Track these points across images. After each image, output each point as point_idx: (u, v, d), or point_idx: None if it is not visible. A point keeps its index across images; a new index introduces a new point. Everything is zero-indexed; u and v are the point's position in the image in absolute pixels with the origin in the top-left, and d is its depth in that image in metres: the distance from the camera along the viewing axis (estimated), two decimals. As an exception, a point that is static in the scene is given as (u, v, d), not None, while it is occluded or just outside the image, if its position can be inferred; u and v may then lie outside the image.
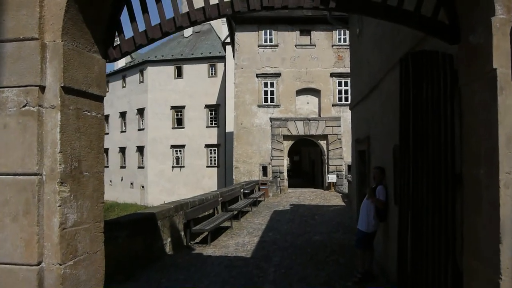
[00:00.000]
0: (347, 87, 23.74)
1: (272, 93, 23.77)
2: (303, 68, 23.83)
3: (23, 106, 2.86)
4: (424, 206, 3.91)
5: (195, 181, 36.56)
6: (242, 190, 16.28)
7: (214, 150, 36.95)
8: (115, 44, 3.53)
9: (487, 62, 2.66)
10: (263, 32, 23.99)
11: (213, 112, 37.27)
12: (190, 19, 3.34)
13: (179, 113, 37.92)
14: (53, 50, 2.90)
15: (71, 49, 3.00)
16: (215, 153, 36.96)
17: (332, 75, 23.85)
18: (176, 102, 37.60)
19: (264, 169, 23.17)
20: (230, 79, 31.44)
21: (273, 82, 23.75)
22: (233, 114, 24.75)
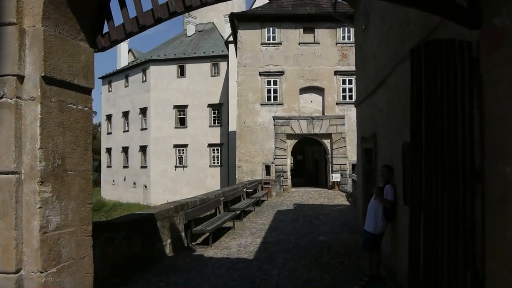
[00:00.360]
0: (351, 85, 23.47)
1: (275, 91, 23.47)
2: (306, 66, 23.51)
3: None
4: (439, 207, 3.62)
5: (198, 181, 36.36)
6: (244, 189, 16.01)
7: (217, 149, 36.72)
8: (104, 32, 3.26)
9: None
10: (266, 30, 23.67)
11: (216, 111, 37.03)
12: (185, 4, 3.07)
13: (182, 113, 37.71)
14: (33, 36, 2.64)
15: (53, 35, 2.74)
16: (218, 152, 36.73)
17: (336, 73, 23.52)
18: (179, 101, 37.39)
19: (267, 168, 22.88)
20: (233, 78, 31.19)
21: (276, 81, 23.45)
22: (236, 113, 24.47)
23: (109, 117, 43.75)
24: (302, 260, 7.68)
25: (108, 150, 43.91)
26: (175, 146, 37.35)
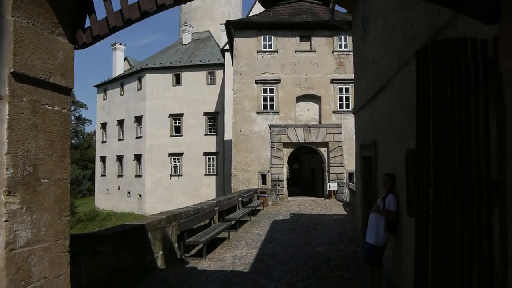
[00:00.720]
0: (348, 94, 23.31)
1: (271, 99, 23.24)
2: (303, 74, 23.34)
3: (-38, 96, 2.30)
4: (450, 220, 3.34)
5: (193, 190, 35.96)
6: (240, 198, 15.67)
7: (213, 158, 36.39)
8: (85, 27, 2.97)
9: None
10: (262, 38, 23.52)
11: (211, 120, 36.77)
12: (174, -4, 2.79)
13: (178, 121, 37.42)
14: (1, 27, 2.35)
15: (25, 27, 2.45)
16: (213, 161, 36.40)
17: (332, 81, 23.35)
18: (175, 109, 37.13)
19: (263, 177, 22.55)
20: (229, 86, 30.99)
21: (273, 89, 23.24)
22: (231, 121, 24.19)
23: (104, 125, 43.38)
24: (300, 273, 7.35)
25: (103, 159, 43.46)
26: (170, 154, 37.00)
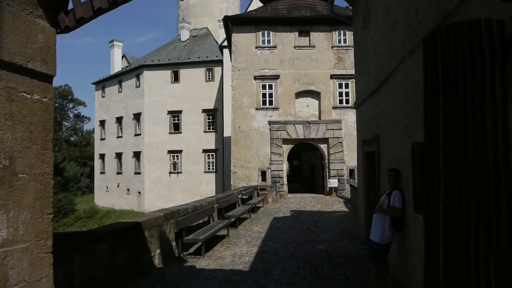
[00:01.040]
0: (348, 89, 23.09)
1: (270, 95, 23.00)
2: (302, 70, 23.09)
3: None
4: (464, 215, 3.13)
5: (192, 187, 35.78)
6: (240, 195, 15.45)
7: (212, 155, 36.18)
8: (68, 9, 2.74)
9: None
10: (260, 33, 23.25)
11: (210, 117, 36.55)
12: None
13: (176, 118, 37.19)
14: (-30, 5, 2.12)
15: (-1, 7, 2.22)
16: (213, 158, 36.19)
17: (332, 76, 23.10)
18: (173, 106, 36.90)
19: (263, 174, 22.34)
20: (227, 83, 30.76)
21: (272, 85, 22.99)
22: (230, 118, 23.95)
23: (102, 122, 43.14)
24: (301, 271, 7.14)
25: (102, 156, 43.24)
26: (169, 152, 36.79)
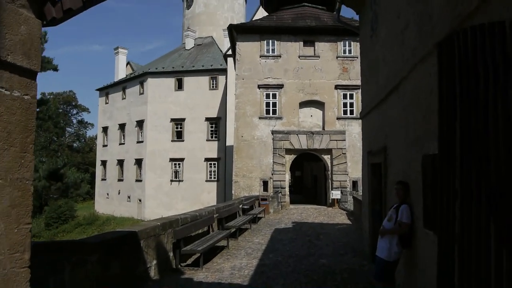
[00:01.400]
0: (352, 100, 22.89)
1: (274, 105, 22.80)
2: (306, 80, 22.91)
3: None
4: (482, 235, 2.86)
5: (193, 196, 35.49)
6: (241, 205, 15.16)
7: (214, 164, 35.94)
8: None
9: None
10: (265, 42, 23.13)
11: (213, 125, 36.40)
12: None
13: (179, 126, 37.05)
14: None
15: (-26, -8, 1.99)
16: (215, 167, 35.95)
17: (336, 87, 22.90)
18: (176, 114, 36.79)
19: (265, 184, 22.05)
20: (231, 91, 30.61)
21: (275, 94, 22.81)
22: (233, 127, 23.73)
23: (105, 129, 43.05)
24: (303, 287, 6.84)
25: (103, 163, 43.07)
26: (171, 159, 36.59)
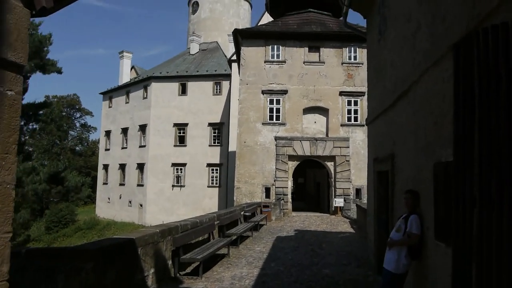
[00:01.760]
0: (357, 107, 22.67)
1: (278, 110, 22.60)
2: (311, 86, 22.71)
3: None
4: (505, 248, 2.63)
5: (195, 201, 35.27)
6: (242, 212, 14.91)
7: (216, 169, 35.74)
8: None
9: None
10: (270, 48, 22.97)
11: (216, 131, 36.24)
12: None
13: (182, 131, 36.92)
14: None
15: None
16: (217, 172, 35.74)
17: (341, 93, 22.69)
18: (179, 119, 36.68)
19: (267, 190, 21.78)
20: (235, 97, 30.48)
21: (279, 100, 22.61)
22: (236, 132, 23.53)
23: (108, 133, 42.97)
24: (305, 299, 6.59)
25: (105, 167, 42.94)
26: (174, 164, 36.41)
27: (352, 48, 23.05)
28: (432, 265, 4.54)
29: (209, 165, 35.72)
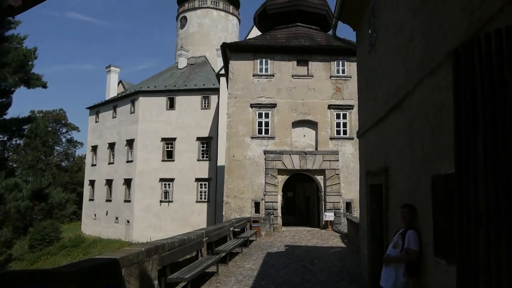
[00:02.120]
0: (345, 120, 22.66)
1: (266, 124, 22.44)
2: (299, 99, 22.67)
3: None
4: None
5: (183, 217, 34.71)
6: (231, 228, 14.57)
7: (205, 184, 35.31)
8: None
9: None
10: (258, 61, 22.93)
11: (205, 145, 35.92)
12: None
13: (170, 145, 36.52)
14: None
15: None
16: (205, 187, 35.30)
17: (330, 107, 22.67)
18: (167, 134, 36.30)
19: (257, 205, 21.47)
20: (223, 111, 30.32)
21: (268, 113, 22.49)
22: (225, 146, 23.27)
23: (94, 148, 42.32)
24: (298, 319, 6.30)
25: (92, 183, 42.14)
26: (161, 180, 35.88)
27: (340, 62, 23.14)
28: (432, 283, 4.32)
29: (197, 180, 35.30)
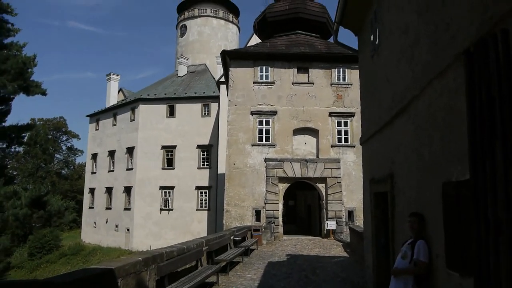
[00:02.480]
0: (347, 127, 22.48)
1: (267, 132, 22.25)
2: (300, 107, 22.50)
3: None
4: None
5: (183, 225, 34.43)
6: (232, 237, 14.31)
7: (205, 192, 35.05)
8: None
9: None
10: (258, 69, 22.82)
11: (205, 153, 35.73)
12: None
13: (170, 153, 36.34)
14: None
15: None
16: (206, 195, 35.04)
17: (331, 114, 22.50)
18: (167, 141, 36.14)
19: (258, 213, 21.20)
20: (223, 118, 30.18)
21: (269, 120, 22.31)
22: (225, 154, 23.07)
23: (94, 156, 42.14)
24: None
25: (92, 191, 41.90)
26: (161, 187, 35.65)
27: (341, 69, 23.02)
28: (443, 296, 4.09)
29: (197, 188, 35.06)
